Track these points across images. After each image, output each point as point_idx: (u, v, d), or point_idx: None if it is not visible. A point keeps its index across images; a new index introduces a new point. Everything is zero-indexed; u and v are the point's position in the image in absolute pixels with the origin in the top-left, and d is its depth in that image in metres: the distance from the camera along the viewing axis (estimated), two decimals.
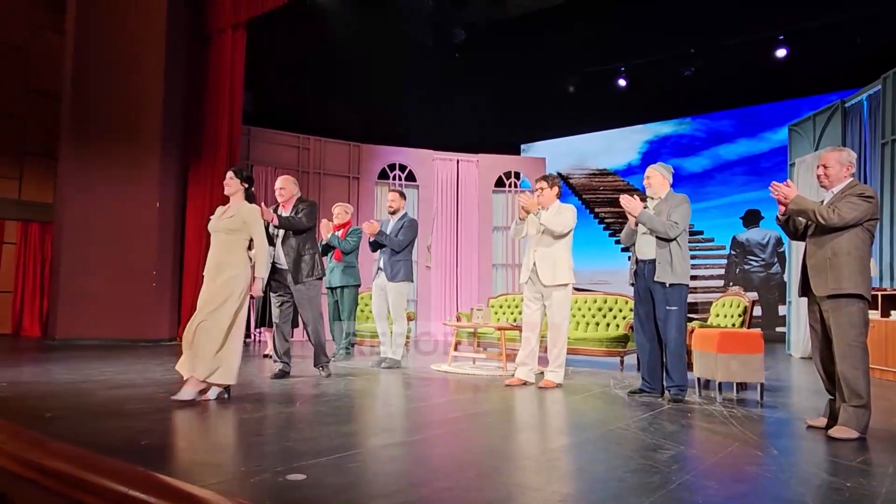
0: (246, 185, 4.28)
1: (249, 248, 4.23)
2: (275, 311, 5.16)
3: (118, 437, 2.94)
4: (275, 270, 5.03)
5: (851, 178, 3.42)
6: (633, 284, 4.61)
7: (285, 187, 5.16)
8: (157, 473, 2.24)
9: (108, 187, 8.02)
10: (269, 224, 4.79)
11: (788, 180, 3.53)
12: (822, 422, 3.44)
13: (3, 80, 9.13)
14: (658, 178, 4.57)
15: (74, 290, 7.87)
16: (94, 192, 8.00)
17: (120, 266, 7.96)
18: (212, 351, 3.85)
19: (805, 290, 3.50)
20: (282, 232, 5.03)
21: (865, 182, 7.15)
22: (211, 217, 4.27)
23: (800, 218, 3.50)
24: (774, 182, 3.47)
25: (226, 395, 4.01)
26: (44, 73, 9.36)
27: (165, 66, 8.25)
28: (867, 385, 3.24)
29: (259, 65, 9.31)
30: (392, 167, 10.58)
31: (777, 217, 3.60)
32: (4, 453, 2.67)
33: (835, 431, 3.24)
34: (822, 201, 3.45)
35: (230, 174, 4.28)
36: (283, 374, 5.05)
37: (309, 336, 5.22)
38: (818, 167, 3.51)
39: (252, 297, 4.38)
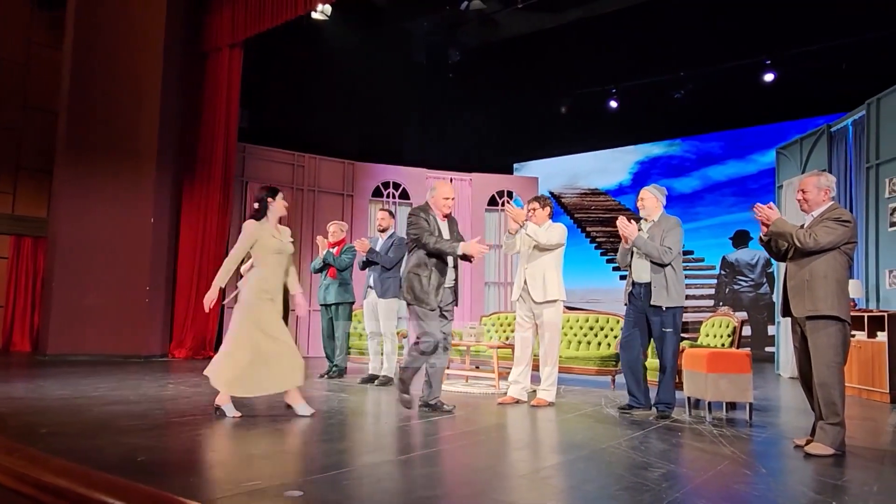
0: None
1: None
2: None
3: (115, 454, 2.96)
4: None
5: (832, 202, 3.51)
6: (626, 305, 4.68)
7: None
8: (157, 490, 2.27)
9: (103, 203, 8.04)
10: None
11: (771, 203, 3.62)
12: (809, 441, 3.50)
13: (1, 96, 9.18)
14: (652, 200, 4.66)
15: (67, 305, 7.84)
16: (88, 207, 8.02)
17: (113, 282, 7.96)
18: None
19: (787, 310, 3.57)
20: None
21: (851, 205, 7.28)
22: (273, 237, 4.12)
23: (780, 241, 3.59)
24: (758, 204, 3.56)
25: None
26: (41, 89, 9.41)
27: (162, 84, 8.32)
28: (843, 403, 3.32)
29: (255, 82, 9.41)
30: (386, 185, 10.65)
31: (760, 237, 3.70)
32: (1, 469, 2.68)
33: (811, 448, 3.33)
34: (804, 224, 3.55)
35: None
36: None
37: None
38: (798, 192, 3.61)
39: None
